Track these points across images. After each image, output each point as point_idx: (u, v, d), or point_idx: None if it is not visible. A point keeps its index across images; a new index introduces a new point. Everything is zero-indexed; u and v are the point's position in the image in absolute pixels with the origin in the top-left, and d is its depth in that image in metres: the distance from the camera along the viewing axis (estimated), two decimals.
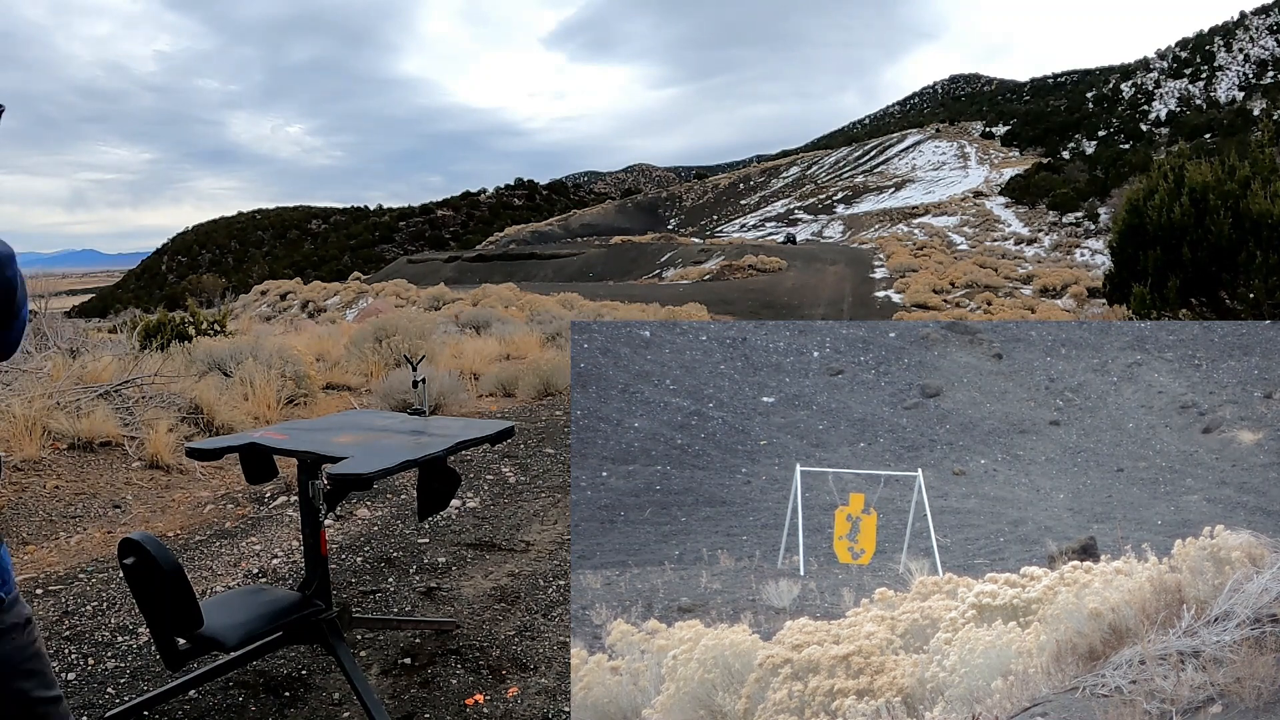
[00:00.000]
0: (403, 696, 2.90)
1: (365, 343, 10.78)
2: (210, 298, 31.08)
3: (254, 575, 4.03)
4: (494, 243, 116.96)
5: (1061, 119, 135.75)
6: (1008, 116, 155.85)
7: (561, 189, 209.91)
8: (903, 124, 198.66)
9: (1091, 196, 70.86)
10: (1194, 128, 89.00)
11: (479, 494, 5.42)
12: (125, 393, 6.52)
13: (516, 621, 3.50)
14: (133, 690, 2.90)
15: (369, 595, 3.80)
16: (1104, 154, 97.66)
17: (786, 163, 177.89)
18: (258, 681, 2.95)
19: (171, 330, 10.23)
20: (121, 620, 3.45)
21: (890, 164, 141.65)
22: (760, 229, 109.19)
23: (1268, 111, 62.91)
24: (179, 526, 4.78)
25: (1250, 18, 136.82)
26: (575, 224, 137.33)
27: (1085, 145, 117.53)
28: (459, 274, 63.35)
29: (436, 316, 17.80)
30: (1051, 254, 61.49)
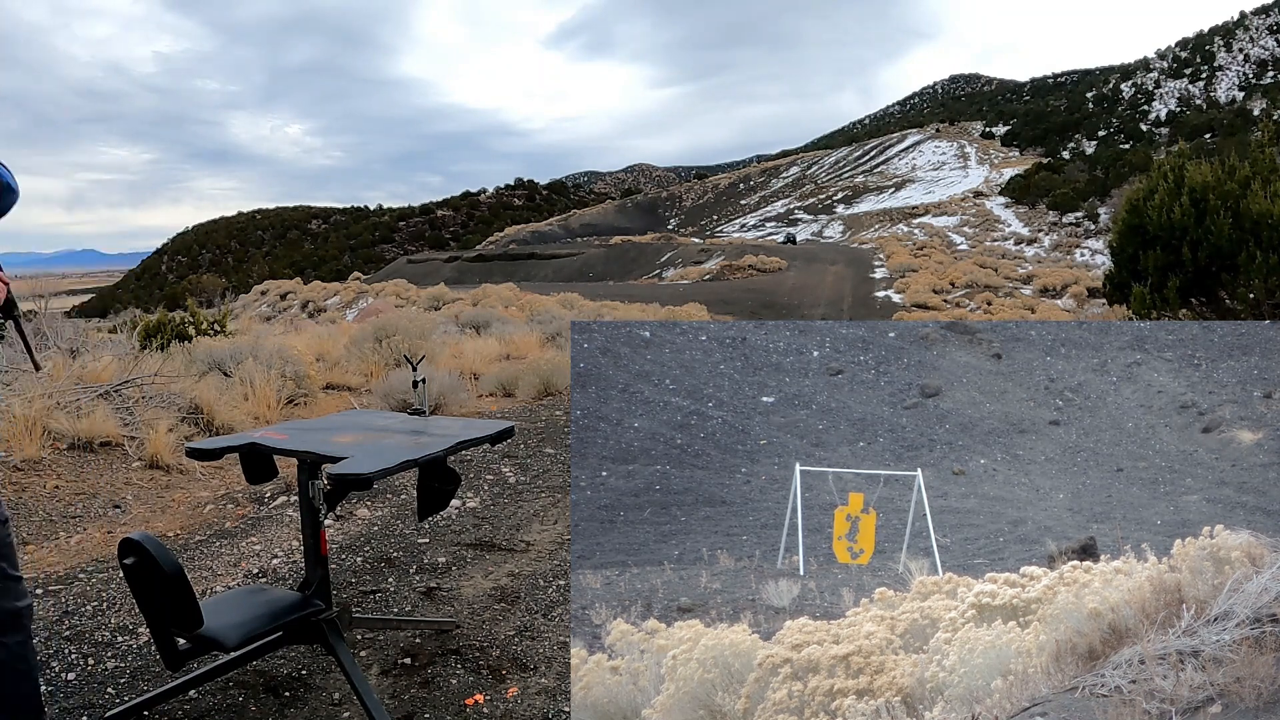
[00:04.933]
0: (403, 696, 2.90)
1: (365, 343, 10.79)
2: (210, 298, 31.09)
3: (254, 575, 4.03)
4: (494, 243, 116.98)
5: (1061, 119, 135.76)
6: (1008, 116, 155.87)
7: (561, 189, 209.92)
8: (903, 124, 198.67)
9: (1091, 196, 70.86)
10: (1194, 128, 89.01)
11: (479, 494, 5.42)
12: (125, 393, 6.52)
13: (516, 621, 3.50)
14: (133, 690, 2.90)
15: (369, 595, 3.80)
16: (1104, 154, 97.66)
17: (786, 163, 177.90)
18: (258, 681, 2.95)
19: (171, 330, 10.24)
20: (121, 620, 3.45)
21: (890, 164, 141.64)
22: (760, 229, 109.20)
23: (1268, 111, 62.93)
24: (179, 526, 4.78)
25: (1250, 18, 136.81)
26: (575, 224, 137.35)
27: (1085, 145, 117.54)
28: (459, 274, 63.36)
29: (436, 316, 17.80)
30: (1051, 254, 61.50)
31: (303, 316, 35.23)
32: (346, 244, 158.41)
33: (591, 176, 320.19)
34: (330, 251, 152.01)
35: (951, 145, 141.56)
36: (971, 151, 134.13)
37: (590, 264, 68.28)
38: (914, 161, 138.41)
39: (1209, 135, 78.62)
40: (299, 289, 47.60)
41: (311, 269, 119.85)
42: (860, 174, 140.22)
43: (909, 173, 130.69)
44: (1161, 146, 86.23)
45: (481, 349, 12.10)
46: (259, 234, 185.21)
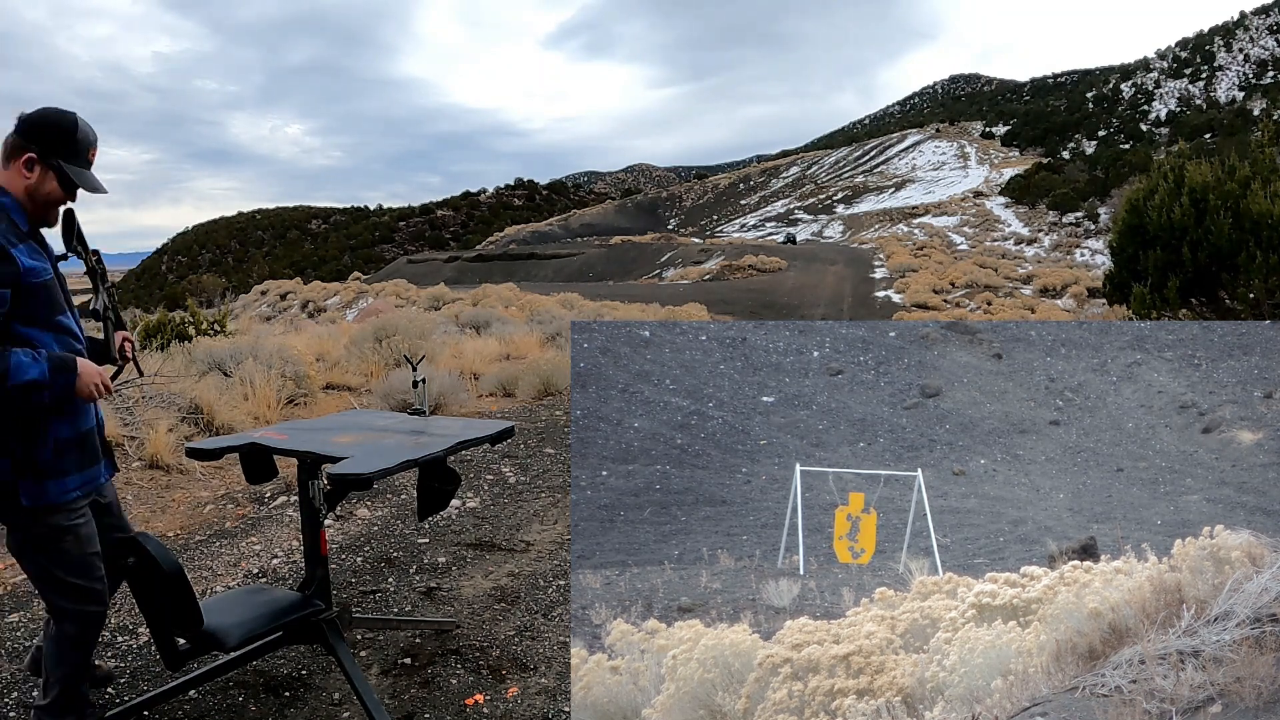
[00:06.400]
0: (403, 696, 2.90)
1: (365, 343, 10.78)
2: (210, 298, 31.10)
3: (254, 575, 4.03)
4: (494, 243, 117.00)
5: (1061, 119, 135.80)
6: (1008, 116, 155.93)
7: (561, 189, 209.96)
8: (903, 124, 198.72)
9: (1091, 196, 70.87)
10: (1194, 128, 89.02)
11: (479, 494, 5.42)
12: (125, 392, 6.52)
13: (516, 621, 3.50)
14: (133, 690, 2.90)
15: (369, 595, 3.80)
16: (1104, 154, 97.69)
17: (786, 163, 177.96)
18: (258, 681, 2.96)
19: (171, 330, 10.23)
20: (121, 620, 3.45)
21: (890, 164, 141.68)
22: (760, 229, 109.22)
23: (1268, 111, 62.91)
24: (179, 526, 4.78)
25: (1250, 18, 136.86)
26: (575, 224, 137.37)
27: (1085, 145, 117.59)
28: (459, 274, 63.36)
29: (436, 316, 17.80)
30: (1051, 254, 61.50)
31: (303, 316, 35.23)
32: (346, 244, 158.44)
33: (591, 176, 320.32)
34: (330, 251, 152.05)
35: (951, 145, 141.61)
36: (971, 151, 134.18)
37: (590, 264, 68.30)
38: (914, 161, 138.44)
39: (1209, 135, 78.63)
40: (299, 289, 47.60)
41: (311, 269, 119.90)
42: (860, 174, 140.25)
43: (909, 173, 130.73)
44: (1161, 146, 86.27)
45: (481, 349, 12.10)
46: (259, 234, 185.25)
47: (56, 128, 2.34)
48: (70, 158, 2.36)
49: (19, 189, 2.32)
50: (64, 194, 2.38)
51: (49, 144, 2.33)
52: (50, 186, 2.35)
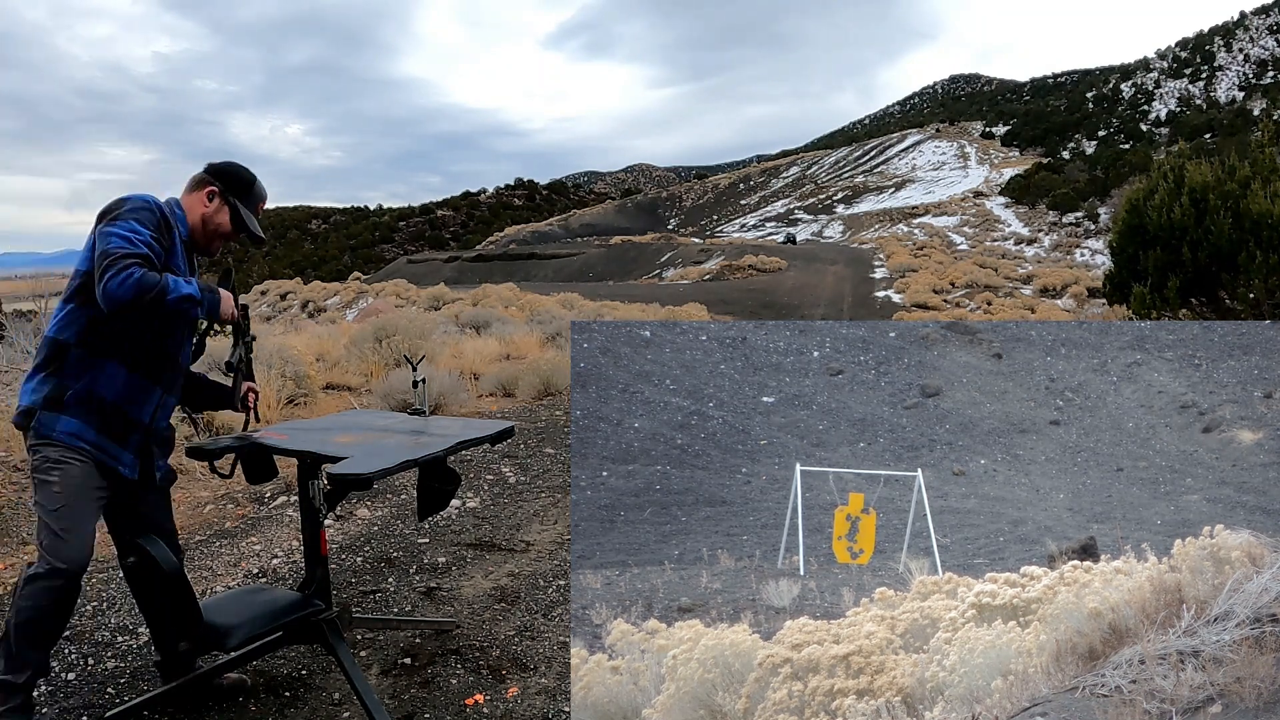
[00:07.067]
0: (403, 696, 2.90)
1: (365, 343, 10.78)
2: None
3: (254, 575, 4.03)
4: (494, 243, 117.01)
5: (1061, 119, 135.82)
6: (1008, 116, 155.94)
7: (561, 189, 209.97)
8: (902, 124, 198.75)
9: (1091, 196, 70.88)
10: (1194, 128, 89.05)
11: (479, 494, 5.42)
12: None
13: (516, 621, 3.50)
14: (133, 690, 2.90)
15: (369, 595, 3.80)
16: (1104, 154, 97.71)
17: (786, 163, 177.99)
18: (258, 681, 2.96)
19: None
20: (121, 620, 3.45)
21: (890, 164, 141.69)
22: (760, 229, 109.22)
23: (1268, 111, 62.90)
24: (179, 526, 4.78)
25: (1250, 18, 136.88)
26: (575, 224, 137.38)
27: (1085, 145, 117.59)
28: (459, 274, 63.37)
29: (436, 316, 17.80)
30: (1051, 254, 61.51)
31: (303, 316, 35.24)
32: (346, 244, 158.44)
33: (591, 176, 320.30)
34: (330, 251, 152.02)
35: (951, 145, 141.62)
36: (971, 151, 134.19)
37: (590, 264, 68.31)
38: (914, 161, 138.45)
39: (1209, 135, 78.66)
40: (299, 289, 47.60)
41: (311, 269, 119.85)
42: (860, 174, 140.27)
43: (909, 173, 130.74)
44: (1161, 146, 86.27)
45: (481, 349, 12.10)
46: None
47: (239, 175, 2.75)
48: (245, 202, 2.74)
49: (196, 214, 2.69)
50: (232, 229, 2.74)
51: (230, 185, 2.72)
52: (222, 218, 2.71)
